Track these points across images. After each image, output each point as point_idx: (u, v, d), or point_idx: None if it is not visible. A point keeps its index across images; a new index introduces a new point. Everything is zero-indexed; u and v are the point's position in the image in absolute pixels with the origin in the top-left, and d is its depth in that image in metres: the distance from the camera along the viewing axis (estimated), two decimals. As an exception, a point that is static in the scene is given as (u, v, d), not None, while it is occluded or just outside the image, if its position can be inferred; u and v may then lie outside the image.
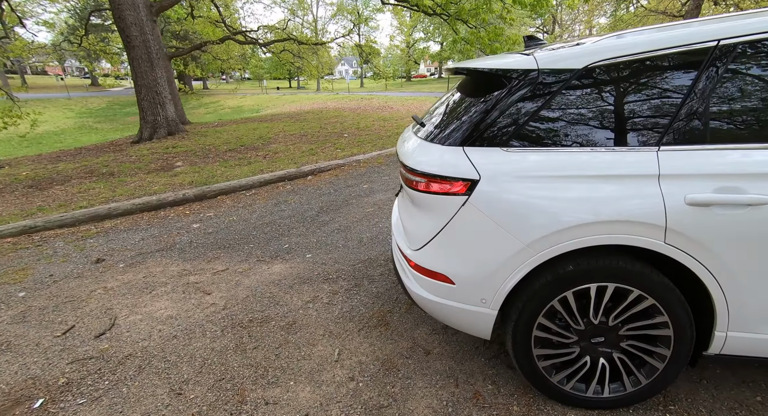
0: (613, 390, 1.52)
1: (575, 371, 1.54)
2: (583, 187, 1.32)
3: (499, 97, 1.46)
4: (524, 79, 1.43)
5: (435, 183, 1.52)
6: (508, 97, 1.44)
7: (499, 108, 1.45)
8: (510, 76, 1.46)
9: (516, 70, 1.45)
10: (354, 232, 3.71)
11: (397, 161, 6.13)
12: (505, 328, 1.56)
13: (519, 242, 1.38)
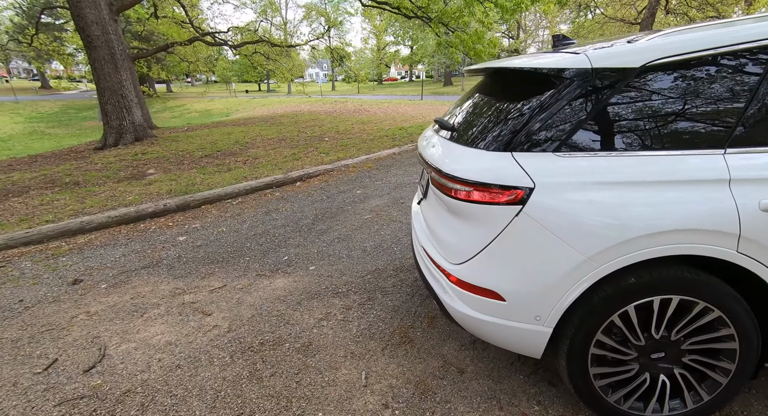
0: (672, 408, 1.46)
1: (634, 389, 1.46)
2: (647, 194, 1.25)
3: (548, 99, 1.37)
4: (577, 78, 1.34)
5: (482, 192, 1.41)
6: (560, 98, 1.35)
7: (550, 110, 1.36)
8: (561, 75, 1.37)
9: (568, 69, 1.36)
10: (356, 241, 3.55)
11: (385, 166, 6.03)
12: (558, 346, 1.47)
13: (580, 255, 1.29)
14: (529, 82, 1.51)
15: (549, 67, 1.42)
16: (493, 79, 1.86)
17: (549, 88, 1.40)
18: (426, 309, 2.47)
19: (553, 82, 1.39)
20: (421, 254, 1.93)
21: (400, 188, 4.97)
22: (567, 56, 1.41)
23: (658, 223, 1.22)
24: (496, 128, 1.50)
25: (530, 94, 1.46)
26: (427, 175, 2.08)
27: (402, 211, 4.19)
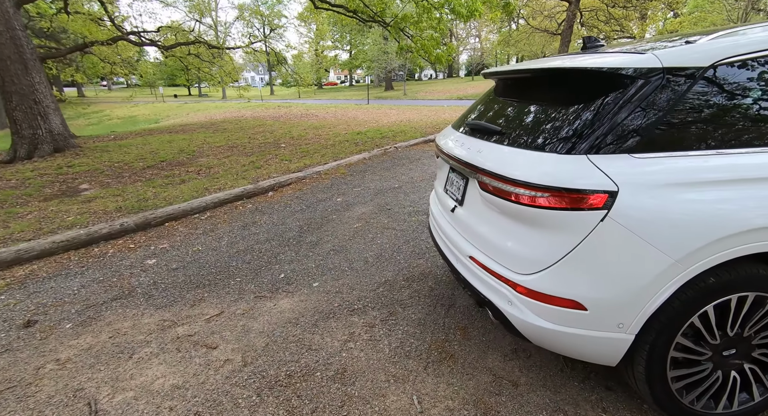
0: (741, 402, 1.53)
1: (707, 388, 1.50)
2: (734, 192, 1.29)
3: (620, 99, 1.35)
4: (649, 78, 1.33)
5: (560, 197, 1.35)
6: (633, 98, 1.33)
7: (624, 111, 1.33)
8: (631, 75, 1.35)
9: (639, 69, 1.35)
10: (354, 252, 3.38)
11: (358, 171, 5.85)
12: (635, 352, 1.45)
13: (668, 258, 1.29)
14: (592, 83, 1.47)
15: (620, 66, 1.38)
16: (537, 81, 1.80)
17: (617, 88, 1.38)
18: (454, 320, 2.39)
19: (622, 82, 1.37)
20: (467, 264, 1.84)
21: (382, 194, 4.86)
22: (633, 56, 1.39)
23: (747, 221, 1.27)
24: (563, 131, 1.45)
25: (595, 95, 1.42)
26: (459, 180, 2.01)
27: (392, 218, 4.09)
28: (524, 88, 1.90)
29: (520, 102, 1.83)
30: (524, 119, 1.71)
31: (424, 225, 3.83)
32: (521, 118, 1.74)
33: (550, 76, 1.71)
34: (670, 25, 31.92)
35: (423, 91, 33.93)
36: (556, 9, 26.72)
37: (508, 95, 1.99)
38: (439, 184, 2.37)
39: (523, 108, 1.78)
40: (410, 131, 9.54)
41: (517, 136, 1.64)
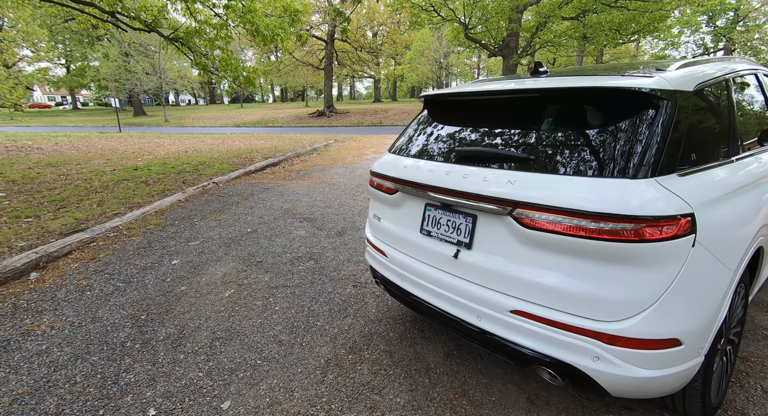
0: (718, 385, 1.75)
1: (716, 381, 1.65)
2: (749, 195, 1.55)
3: (658, 120, 1.33)
4: (671, 98, 1.37)
5: (655, 228, 1.22)
6: (664, 118, 1.34)
7: (661, 131, 1.32)
8: (663, 97, 1.37)
9: (671, 92, 1.38)
10: (251, 334, 2.40)
11: (180, 218, 4.36)
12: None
13: (728, 271, 1.38)
14: (622, 104, 1.41)
15: (655, 87, 1.38)
16: (551, 102, 1.60)
17: (649, 108, 1.36)
18: (446, 387, 2.00)
19: (652, 103, 1.37)
20: (506, 320, 1.50)
21: (236, 243, 3.78)
22: (652, 79, 1.42)
23: (764, 217, 1.53)
24: (618, 154, 1.33)
25: (634, 116, 1.37)
26: (456, 219, 1.68)
27: (272, 273, 3.20)
28: (531, 109, 1.66)
29: (526, 125, 1.62)
30: (543, 143, 1.52)
31: (318, 273, 3.18)
32: (538, 142, 1.54)
33: (570, 97, 1.54)
34: (395, 70, 41.14)
35: (189, 118, 30.18)
36: (315, 46, 29.45)
37: (501, 117, 1.74)
38: (405, 225, 1.94)
39: (533, 131, 1.57)
40: (213, 162, 8.10)
41: (557, 162, 1.44)
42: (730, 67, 1.85)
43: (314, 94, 69.32)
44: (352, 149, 10.50)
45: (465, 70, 48.67)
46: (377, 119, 23.43)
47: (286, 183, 6.35)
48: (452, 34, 19.64)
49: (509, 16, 17.31)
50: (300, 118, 26.39)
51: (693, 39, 36.03)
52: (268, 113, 31.38)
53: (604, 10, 15.94)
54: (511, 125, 1.67)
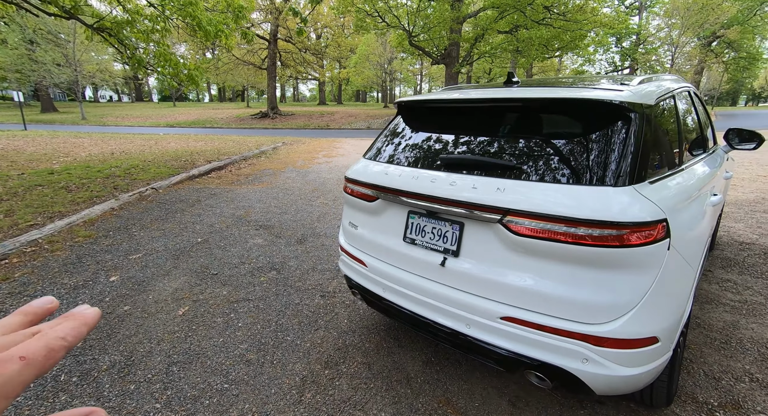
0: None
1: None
2: (705, 191, 1.72)
3: (632, 130, 1.42)
4: (639, 111, 1.46)
5: (636, 233, 1.30)
6: (636, 128, 1.43)
7: (634, 141, 1.41)
8: (634, 109, 1.44)
9: (639, 104, 1.48)
10: (213, 355, 2.18)
11: (115, 229, 3.93)
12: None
13: (693, 270, 1.51)
14: (598, 115, 1.49)
15: (629, 101, 1.45)
16: (533, 111, 1.64)
17: (619, 119, 1.45)
18: (428, 396, 1.97)
19: (625, 115, 1.45)
20: (495, 326, 1.51)
21: (186, 255, 3.45)
22: (623, 93, 1.49)
23: (712, 216, 1.69)
24: (599, 163, 1.40)
25: (610, 127, 1.45)
26: (443, 227, 1.67)
27: (230, 285, 2.96)
28: (514, 118, 1.71)
29: (507, 133, 1.66)
30: (530, 152, 1.54)
31: (282, 284, 3.00)
32: (525, 150, 1.57)
33: (549, 107, 1.60)
34: (340, 74, 41.07)
35: (112, 116, 27.32)
36: (256, 46, 28.29)
37: (482, 125, 1.76)
38: (387, 233, 1.88)
39: (519, 140, 1.60)
40: (148, 166, 7.37)
41: (543, 171, 1.47)
42: (673, 84, 2.07)
43: (255, 95, 66.64)
44: (302, 152, 10.21)
45: (408, 77, 49.95)
46: (324, 122, 23.10)
47: (235, 188, 5.97)
48: (397, 40, 20.04)
49: (450, 26, 18.08)
50: (241, 119, 25.15)
51: (605, 57, 40.55)
52: (205, 113, 29.51)
53: (534, 26, 17.27)
54: (494, 133, 1.70)
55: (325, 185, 6.28)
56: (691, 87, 2.53)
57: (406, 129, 2.04)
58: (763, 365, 2.05)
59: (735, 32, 33.74)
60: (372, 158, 2.07)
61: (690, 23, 32.53)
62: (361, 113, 26.95)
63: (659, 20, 37.40)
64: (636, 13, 38.36)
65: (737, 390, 1.88)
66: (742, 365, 2.06)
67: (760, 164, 7.89)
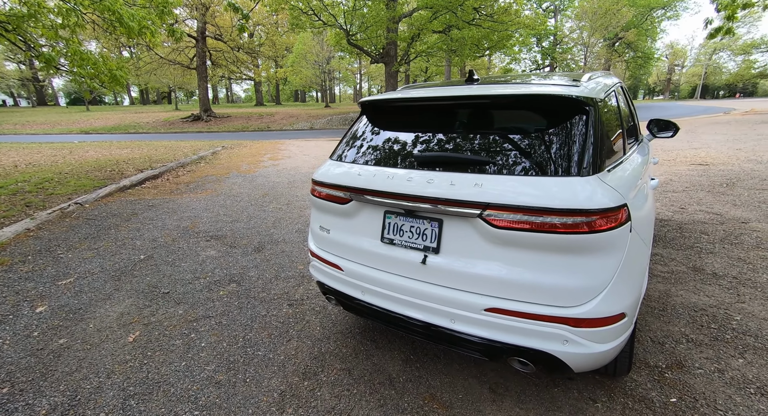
0: None
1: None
2: (647, 183, 1.90)
3: (589, 123, 1.52)
4: (594, 105, 1.59)
5: (604, 219, 1.39)
6: (594, 122, 1.54)
7: (593, 133, 1.51)
8: (590, 103, 1.57)
9: (593, 99, 1.60)
10: (179, 387, 1.99)
11: (36, 252, 3.56)
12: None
13: (647, 248, 1.67)
14: (559, 110, 1.58)
15: (585, 95, 1.57)
16: (498, 107, 1.71)
17: (579, 112, 1.55)
18: (413, 394, 1.98)
19: (583, 109, 1.55)
20: (480, 318, 1.54)
21: (128, 275, 3.10)
22: (579, 89, 1.61)
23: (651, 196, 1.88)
24: (565, 155, 1.49)
25: (570, 121, 1.54)
26: (421, 225, 1.68)
27: (185, 304, 2.72)
28: (482, 114, 1.75)
29: (478, 129, 1.70)
30: (500, 147, 1.60)
31: (244, 297, 2.82)
32: (489, 144, 1.61)
33: (515, 103, 1.67)
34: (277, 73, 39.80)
35: (8, 123, 23.88)
36: (183, 44, 26.32)
37: (451, 122, 1.79)
38: (363, 235, 1.85)
39: (479, 135, 1.66)
40: (66, 178, 6.52)
41: (511, 164, 1.53)
42: (611, 80, 2.27)
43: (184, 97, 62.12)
44: (245, 156, 9.71)
45: (348, 76, 49.75)
46: (264, 123, 22.22)
47: (176, 198, 5.50)
48: (334, 39, 19.85)
49: (387, 25, 18.29)
50: (171, 123, 23.32)
51: (529, 56, 43.79)
52: (127, 117, 26.92)
53: (465, 26, 18.08)
54: (463, 130, 1.74)
55: (276, 189, 6.03)
56: (622, 82, 2.81)
57: (373, 129, 2.01)
58: (694, 326, 2.34)
59: (632, 34, 38.27)
60: (339, 159, 2.02)
61: (597, 26, 36.23)
62: (303, 114, 26.32)
63: (572, 23, 41.19)
64: (552, 16, 41.86)
65: (678, 351, 2.13)
66: (679, 328, 2.33)
67: (664, 149, 9.03)
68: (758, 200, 4.77)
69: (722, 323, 2.34)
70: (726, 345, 2.14)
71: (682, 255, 3.32)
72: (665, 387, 1.87)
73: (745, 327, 2.28)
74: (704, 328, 2.30)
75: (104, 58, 5.52)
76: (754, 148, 8.68)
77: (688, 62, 64.08)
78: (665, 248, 3.49)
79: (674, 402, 1.78)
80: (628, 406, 1.78)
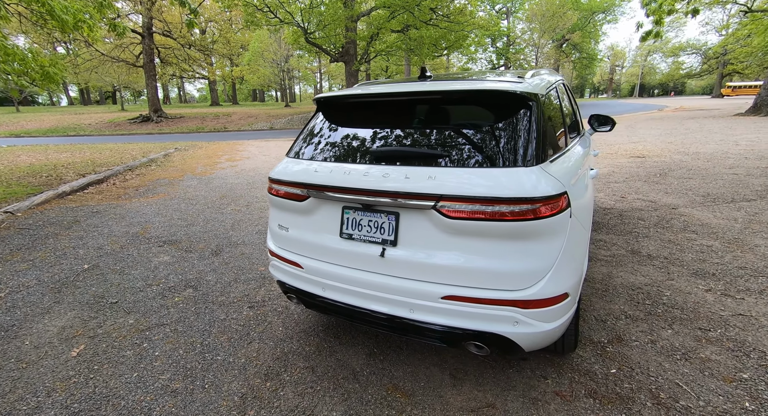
0: None
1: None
2: (584, 166, 2.03)
3: (531, 117, 1.62)
4: (536, 100, 1.69)
5: (546, 206, 1.49)
6: (536, 115, 1.64)
7: (537, 126, 1.62)
8: (532, 98, 1.67)
9: (536, 95, 1.70)
10: (125, 399, 1.89)
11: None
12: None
13: (586, 232, 1.80)
14: (506, 104, 1.67)
15: (529, 91, 1.66)
16: (447, 103, 1.79)
17: (522, 107, 1.64)
18: (377, 387, 2.01)
19: (527, 103, 1.65)
20: (438, 306, 1.61)
21: (71, 286, 2.88)
22: (522, 85, 1.71)
23: (590, 185, 2.02)
24: (511, 147, 1.58)
25: (515, 115, 1.64)
26: (379, 218, 1.71)
27: (137, 313, 2.58)
28: (434, 109, 1.82)
29: (430, 124, 1.77)
30: (451, 140, 1.67)
31: (202, 302, 2.72)
32: (443, 139, 1.67)
33: (464, 98, 1.75)
34: (233, 72, 38.47)
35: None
36: (127, 40, 24.68)
37: (405, 118, 1.84)
38: (322, 232, 1.85)
39: (435, 130, 1.71)
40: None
41: (461, 157, 1.60)
42: (554, 77, 2.42)
43: (131, 96, 58.44)
44: (201, 157, 9.31)
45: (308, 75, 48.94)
46: (220, 124, 21.39)
47: (124, 203, 5.18)
48: (292, 37, 19.47)
49: (345, 24, 18.20)
50: (117, 124, 21.87)
51: (485, 56, 45.34)
52: (66, 119, 24.91)
53: (423, 26, 18.39)
54: (416, 125, 1.80)
55: (234, 191, 5.84)
56: (564, 79, 3.00)
57: (329, 125, 2.02)
58: (632, 304, 2.55)
59: (578, 36, 40.70)
60: (296, 156, 2.01)
61: (546, 28, 38.18)
62: (262, 114, 25.61)
63: (523, 24, 43.14)
64: (505, 17, 43.58)
65: (618, 327, 2.32)
66: (619, 306, 2.53)
67: (608, 143, 9.70)
68: (685, 187, 5.26)
69: (655, 299, 2.57)
70: (658, 319, 2.36)
71: (622, 240, 3.60)
72: (606, 360, 2.03)
73: (674, 301, 2.53)
74: (640, 305, 2.52)
75: (34, 54, 5.06)
76: (682, 141, 9.55)
77: (627, 63, 69.23)
78: (608, 234, 3.77)
79: (614, 372, 1.94)
80: (574, 380, 1.91)
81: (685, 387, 1.82)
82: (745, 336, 2.15)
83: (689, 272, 2.91)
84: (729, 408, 1.69)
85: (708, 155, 7.55)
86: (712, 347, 2.08)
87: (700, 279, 2.80)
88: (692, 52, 46.20)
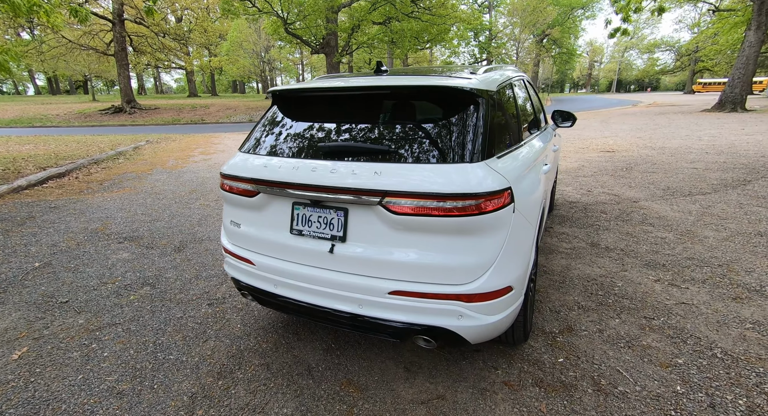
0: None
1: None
2: (538, 169, 2.06)
3: (480, 113, 1.63)
4: (486, 97, 1.70)
5: (490, 201, 1.51)
6: (485, 112, 1.65)
7: (484, 123, 1.63)
8: (481, 95, 1.68)
9: (485, 91, 1.71)
10: (67, 403, 1.83)
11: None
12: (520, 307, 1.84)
13: (533, 227, 1.82)
14: (451, 100, 1.68)
15: (477, 87, 1.67)
16: (396, 98, 1.78)
17: (473, 103, 1.65)
18: (330, 383, 2.01)
19: (475, 100, 1.66)
20: (385, 302, 1.61)
21: (17, 285, 2.76)
22: (471, 81, 1.72)
23: (544, 186, 2.05)
24: (458, 143, 1.58)
25: (462, 110, 1.64)
26: (328, 214, 1.70)
27: (90, 313, 2.49)
28: (384, 104, 1.81)
29: (381, 118, 1.76)
30: (400, 136, 1.67)
31: (159, 300, 2.65)
32: (394, 134, 1.67)
33: (413, 94, 1.75)
34: (211, 62, 37.42)
35: None
36: (97, 27, 23.61)
37: (356, 112, 1.82)
38: (273, 228, 1.82)
39: (382, 124, 1.72)
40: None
41: (409, 152, 1.60)
42: (512, 74, 2.45)
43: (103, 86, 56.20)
44: (173, 150, 9.05)
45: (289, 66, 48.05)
46: (198, 115, 20.82)
47: (86, 198, 4.99)
48: (272, 27, 19.04)
49: (326, 15, 17.90)
50: (88, 115, 21.01)
51: (467, 49, 45.48)
52: (31, 109, 23.80)
53: (404, 18, 18.27)
54: (368, 120, 1.78)
55: (205, 185, 5.71)
56: (525, 76, 3.02)
57: (283, 119, 1.99)
58: (586, 295, 2.63)
59: (557, 32, 41.22)
60: (249, 151, 1.97)
61: (526, 23, 38.49)
62: (241, 105, 25.05)
63: (504, 19, 43.37)
64: (487, 11, 43.73)
65: (570, 318, 2.38)
66: (573, 297, 2.60)
67: (581, 138, 9.91)
68: (648, 181, 5.43)
69: (607, 289, 2.66)
70: (607, 308, 2.44)
71: (583, 233, 3.69)
72: (555, 350, 2.09)
73: (624, 292, 2.62)
74: (593, 295, 2.60)
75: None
76: (651, 136, 9.84)
77: (605, 59, 70.70)
78: (571, 227, 3.86)
79: (561, 361, 2.00)
80: (523, 369, 1.96)
81: (625, 374, 1.89)
82: (685, 324, 2.25)
83: (642, 263, 3.01)
84: (662, 392, 1.77)
85: (672, 150, 7.81)
86: (654, 334, 2.17)
87: (651, 270, 2.91)
88: (666, 49, 47.56)
